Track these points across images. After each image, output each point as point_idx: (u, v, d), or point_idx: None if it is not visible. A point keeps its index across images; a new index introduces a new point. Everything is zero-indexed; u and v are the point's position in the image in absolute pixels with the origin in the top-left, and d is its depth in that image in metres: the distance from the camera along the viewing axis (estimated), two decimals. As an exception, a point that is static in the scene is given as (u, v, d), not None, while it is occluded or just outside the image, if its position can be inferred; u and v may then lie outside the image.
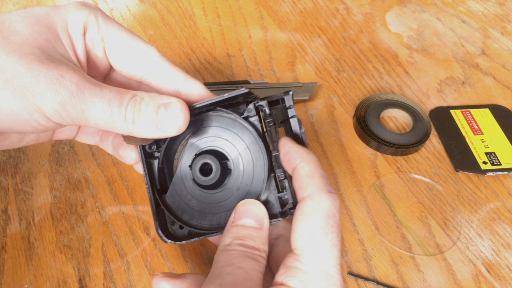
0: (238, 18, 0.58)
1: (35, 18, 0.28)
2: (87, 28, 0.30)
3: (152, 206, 0.31)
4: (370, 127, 0.45)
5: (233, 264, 0.25)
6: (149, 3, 0.60)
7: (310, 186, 0.26)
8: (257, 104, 0.30)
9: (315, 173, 0.26)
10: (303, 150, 0.27)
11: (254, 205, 0.28)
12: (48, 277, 0.34)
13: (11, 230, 0.37)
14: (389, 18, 0.59)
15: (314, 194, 0.25)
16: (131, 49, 0.31)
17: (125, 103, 0.27)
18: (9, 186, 0.39)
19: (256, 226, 0.27)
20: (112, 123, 0.27)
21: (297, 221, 0.25)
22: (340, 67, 0.52)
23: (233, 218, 0.28)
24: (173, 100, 0.28)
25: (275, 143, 0.30)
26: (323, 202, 0.25)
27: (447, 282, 0.35)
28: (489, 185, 0.42)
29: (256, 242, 0.27)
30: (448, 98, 0.50)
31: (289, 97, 0.30)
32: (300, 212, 0.25)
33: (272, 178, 0.30)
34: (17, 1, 0.58)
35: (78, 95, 0.26)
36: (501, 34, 0.58)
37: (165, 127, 0.28)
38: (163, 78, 0.31)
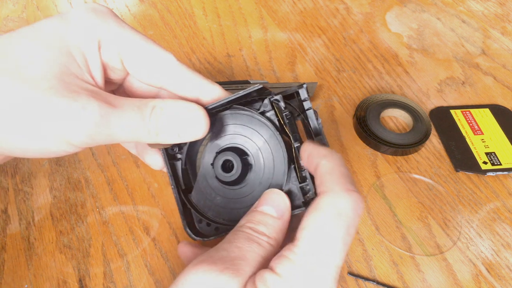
0: (238, 18, 0.58)
1: (46, 41, 0.28)
2: (101, 43, 0.29)
3: (178, 206, 0.32)
4: (370, 127, 0.45)
5: (233, 243, 0.25)
6: (149, 3, 0.60)
7: (328, 182, 0.25)
8: (272, 99, 0.31)
9: (335, 170, 0.25)
10: (325, 149, 0.27)
11: (277, 195, 0.28)
12: (48, 277, 0.34)
13: (11, 230, 0.37)
14: (389, 18, 0.59)
15: (331, 190, 0.25)
16: (149, 58, 0.30)
17: (147, 118, 0.28)
18: (9, 186, 0.39)
19: (275, 215, 0.27)
20: (138, 138, 0.28)
21: (307, 214, 0.25)
22: (340, 67, 0.52)
23: (255, 205, 0.28)
24: (193, 108, 0.29)
25: (295, 134, 0.30)
26: (338, 200, 0.24)
27: (447, 282, 0.35)
28: (489, 185, 0.42)
29: (268, 229, 0.26)
30: (448, 98, 0.50)
31: (304, 90, 0.30)
32: (313, 206, 0.25)
33: (293, 169, 0.30)
34: (17, 1, 0.58)
35: (102, 123, 0.27)
36: (501, 34, 0.58)
37: (187, 135, 0.29)
38: (183, 86, 0.31)
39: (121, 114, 0.27)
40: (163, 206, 0.39)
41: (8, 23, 0.55)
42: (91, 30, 0.29)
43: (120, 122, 0.27)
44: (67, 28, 0.28)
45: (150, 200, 0.39)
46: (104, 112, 0.27)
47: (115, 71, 0.32)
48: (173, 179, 0.33)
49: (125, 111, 0.27)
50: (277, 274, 0.23)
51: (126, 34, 0.30)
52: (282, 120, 0.30)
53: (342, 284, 0.35)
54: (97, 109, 0.26)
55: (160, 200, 0.39)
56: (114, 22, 0.29)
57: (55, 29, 0.28)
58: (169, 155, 0.33)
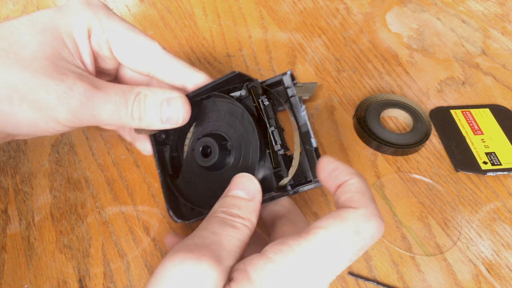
0: (238, 18, 0.58)
1: (40, 27, 0.30)
2: (91, 31, 0.31)
3: (163, 190, 0.34)
4: (370, 127, 0.45)
5: (208, 228, 0.25)
6: (149, 3, 0.60)
7: (359, 202, 0.24)
8: (249, 85, 0.31)
9: (366, 192, 0.25)
10: (353, 169, 0.27)
11: (246, 178, 0.28)
12: (48, 277, 0.34)
13: (11, 230, 0.37)
14: (389, 18, 0.59)
15: (361, 209, 0.24)
16: (135, 46, 0.32)
17: (130, 102, 0.29)
18: (9, 186, 0.39)
19: (246, 197, 0.27)
20: (121, 122, 0.30)
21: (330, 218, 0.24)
22: (340, 67, 0.52)
23: (226, 190, 0.28)
24: (174, 95, 0.30)
25: (270, 120, 0.30)
26: (365, 220, 0.24)
27: (447, 282, 0.35)
28: (489, 185, 0.42)
29: (241, 211, 0.26)
30: (448, 98, 0.50)
31: (287, 77, 0.30)
32: (338, 213, 0.24)
33: (268, 155, 0.30)
34: (17, 1, 0.58)
35: (87, 104, 0.28)
36: (501, 34, 0.58)
37: (169, 121, 0.30)
38: (169, 72, 0.33)
39: (105, 96, 0.29)
40: (163, 206, 0.39)
41: (8, 23, 0.55)
42: (81, 20, 0.31)
43: (103, 104, 0.29)
44: (60, 18, 0.31)
45: (150, 200, 0.39)
46: (89, 94, 0.28)
47: (105, 60, 0.34)
48: (159, 164, 0.34)
49: (109, 94, 0.29)
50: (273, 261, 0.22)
51: (114, 24, 0.32)
52: (258, 105, 0.31)
53: (342, 284, 0.35)
54: (82, 90, 0.28)
55: (160, 200, 0.39)
56: (104, 13, 0.32)
57: (50, 18, 0.30)
58: (157, 141, 0.35)
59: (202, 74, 0.33)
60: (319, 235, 0.23)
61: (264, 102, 0.31)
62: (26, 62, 0.28)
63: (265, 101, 0.31)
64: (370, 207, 0.24)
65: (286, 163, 0.29)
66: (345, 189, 0.26)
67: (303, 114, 0.29)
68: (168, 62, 0.33)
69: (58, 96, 0.28)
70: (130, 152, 0.42)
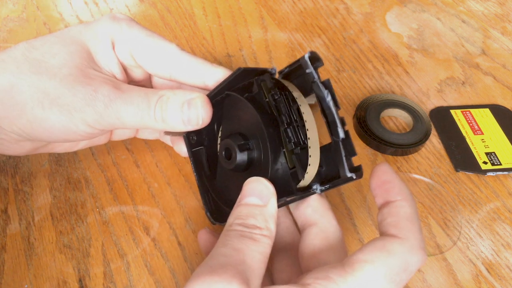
0: (238, 18, 0.58)
1: (70, 39, 0.32)
2: (114, 42, 0.33)
3: (200, 192, 0.34)
4: (370, 127, 0.45)
5: (228, 245, 0.24)
6: (149, 3, 0.60)
7: (407, 231, 0.24)
8: (259, 79, 0.29)
9: (415, 220, 0.24)
10: (407, 188, 0.26)
11: (256, 182, 0.27)
12: (48, 277, 0.34)
13: (11, 230, 0.37)
14: (389, 18, 0.59)
15: (408, 241, 0.23)
16: (153, 50, 0.33)
17: (152, 104, 0.30)
18: (9, 186, 0.39)
19: (260, 204, 0.26)
20: (145, 124, 0.31)
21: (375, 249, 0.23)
22: (340, 67, 0.52)
23: (239, 198, 0.27)
24: (195, 96, 0.31)
25: (283, 116, 0.27)
26: (412, 254, 0.23)
27: (447, 282, 0.35)
28: (489, 185, 0.42)
29: (258, 220, 0.25)
30: (448, 98, 0.50)
31: (305, 61, 0.26)
32: (383, 245, 0.23)
33: (283, 154, 0.28)
34: (17, 1, 0.58)
35: (111, 105, 0.30)
36: (501, 34, 0.58)
37: (191, 122, 0.31)
38: (188, 72, 0.33)
39: (127, 98, 0.30)
40: (163, 206, 0.39)
41: (8, 23, 0.55)
42: (105, 32, 0.33)
43: (126, 106, 0.30)
44: (87, 32, 0.33)
45: (150, 200, 0.39)
46: (113, 96, 0.30)
47: (133, 69, 0.35)
48: (194, 165, 0.34)
49: (132, 96, 0.30)
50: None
51: (135, 32, 0.33)
52: (270, 101, 0.28)
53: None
54: (107, 92, 0.30)
55: (160, 200, 0.39)
56: (126, 24, 0.33)
57: (78, 32, 0.33)
58: (191, 143, 0.34)
59: (220, 68, 0.33)
60: (366, 270, 0.22)
61: (276, 96, 0.28)
62: (56, 69, 0.30)
63: (276, 95, 0.28)
64: (418, 238, 0.24)
65: (304, 162, 0.27)
66: (393, 211, 0.25)
67: (328, 101, 0.25)
68: (185, 62, 0.33)
69: (84, 98, 0.29)
70: (130, 152, 0.42)
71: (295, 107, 0.28)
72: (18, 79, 0.29)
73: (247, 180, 0.27)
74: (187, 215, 0.38)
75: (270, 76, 0.29)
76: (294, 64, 0.28)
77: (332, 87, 0.25)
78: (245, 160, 0.29)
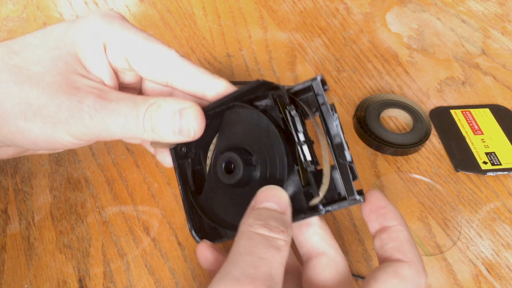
0: (238, 18, 0.58)
1: (54, 42, 0.29)
2: (106, 45, 0.30)
3: (185, 207, 0.31)
4: (370, 127, 0.45)
5: (254, 253, 0.23)
6: (149, 3, 0.60)
7: (413, 254, 0.24)
8: (275, 94, 0.28)
9: (413, 241, 0.25)
10: (399, 212, 0.26)
11: (276, 190, 0.26)
12: (48, 277, 0.34)
13: (11, 230, 0.37)
14: (389, 18, 0.59)
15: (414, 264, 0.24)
16: (151, 55, 0.31)
17: (141, 114, 0.28)
18: (9, 186, 0.39)
19: (278, 210, 0.25)
20: (133, 134, 0.29)
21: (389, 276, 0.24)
22: (340, 67, 0.52)
23: (254, 203, 0.26)
24: (188, 105, 0.28)
25: (299, 133, 0.27)
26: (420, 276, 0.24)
27: (447, 282, 0.35)
28: (489, 185, 0.42)
29: (279, 223, 0.24)
30: (448, 98, 0.50)
31: (317, 83, 0.27)
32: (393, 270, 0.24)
33: (297, 172, 0.27)
34: (17, 1, 0.58)
35: (97, 117, 0.28)
36: (501, 34, 0.58)
37: (182, 133, 0.28)
38: (186, 80, 0.31)
39: (114, 108, 0.28)
40: (163, 206, 0.39)
41: (8, 23, 0.55)
42: (96, 33, 0.30)
43: (113, 117, 0.28)
44: (75, 32, 0.30)
45: (150, 200, 0.39)
46: (99, 106, 0.28)
47: (126, 73, 0.33)
48: (180, 179, 0.32)
49: (119, 106, 0.28)
50: None
51: (130, 35, 0.30)
52: (285, 117, 0.28)
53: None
54: (92, 103, 0.28)
55: (160, 200, 0.39)
56: (119, 25, 0.30)
57: (64, 32, 0.30)
58: (178, 155, 0.32)
59: (222, 81, 0.31)
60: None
61: (292, 113, 0.28)
62: (39, 77, 0.28)
63: (292, 112, 0.28)
64: (420, 260, 0.24)
65: (318, 180, 0.27)
66: (393, 236, 0.25)
67: (336, 124, 0.26)
68: (185, 70, 0.31)
69: (69, 110, 0.27)
70: (130, 152, 0.42)
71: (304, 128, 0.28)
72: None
73: (263, 188, 0.26)
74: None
75: (286, 92, 0.28)
76: (303, 84, 0.28)
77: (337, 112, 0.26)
78: (247, 176, 0.28)
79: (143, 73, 0.32)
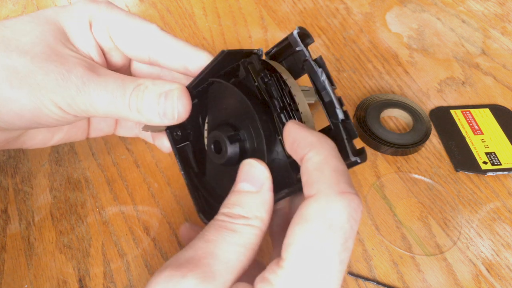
0: (238, 18, 0.58)
1: (44, 19, 0.30)
2: (92, 22, 0.31)
3: (189, 190, 0.31)
4: (370, 127, 0.45)
5: (204, 236, 0.22)
6: (149, 3, 0.60)
7: (318, 183, 0.20)
8: (246, 62, 0.26)
9: (326, 165, 0.20)
10: (314, 135, 0.22)
11: (250, 166, 0.24)
12: (48, 277, 0.34)
13: (11, 230, 0.37)
14: (389, 18, 0.59)
15: (321, 194, 0.20)
16: (132, 31, 0.31)
17: (128, 93, 0.28)
18: (9, 186, 0.39)
19: (251, 190, 0.23)
20: (119, 113, 0.28)
21: (293, 225, 0.20)
22: (340, 67, 0.52)
23: (234, 183, 0.24)
24: (173, 87, 0.28)
25: (275, 100, 0.25)
26: (330, 206, 0.19)
27: (447, 282, 0.35)
28: (489, 185, 0.42)
29: (245, 209, 0.23)
30: (448, 98, 0.50)
31: (294, 38, 0.23)
32: (299, 215, 0.20)
33: (279, 142, 0.25)
34: (17, 1, 0.58)
35: (84, 89, 0.27)
36: (501, 34, 0.58)
37: (166, 115, 0.28)
38: (168, 55, 0.30)
39: (102, 83, 0.28)
40: (163, 206, 0.39)
41: (8, 23, 0.55)
42: (82, 13, 0.30)
43: (99, 91, 0.27)
44: (63, 13, 0.30)
45: (150, 200, 0.39)
46: (86, 78, 0.27)
47: (111, 52, 0.33)
48: (181, 163, 0.31)
49: (107, 81, 0.28)
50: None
51: (114, 13, 0.31)
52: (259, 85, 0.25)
53: (342, 284, 0.35)
54: (80, 74, 0.27)
55: (160, 200, 0.39)
56: (105, 6, 0.31)
57: (54, 13, 0.30)
58: (175, 139, 0.31)
59: (203, 52, 0.30)
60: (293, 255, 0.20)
61: (265, 79, 0.25)
62: (27, 47, 0.28)
63: (265, 78, 0.25)
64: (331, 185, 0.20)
65: None
66: (303, 168, 0.21)
67: (322, 80, 0.23)
68: (166, 44, 0.30)
69: (56, 79, 0.27)
70: (130, 152, 0.42)
71: (287, 90, 0.25)
72: None
73: (241, 163, 0.24)
74: (187, 215, 0.38)
75: (257, 58, 0.26)
76: (282, 43, 0.25)
77: (325, 65, 0.23)
78: (237, 153, 0.26)
79: (126, 50, 0.31)
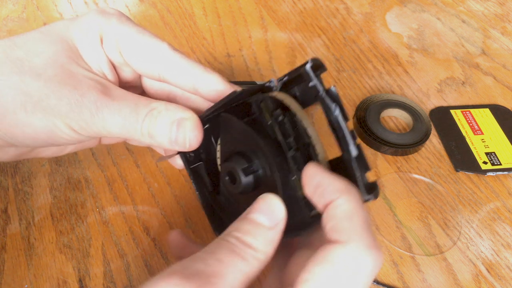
0: (238, 18, 0.58)
1: (56, 36, 0.29)
2: (103, 37, 0.30)
3: (204, 210, 0.31)
4: (370, 127, 0.45)
5: (214, 253, 0.22)
6: (149, 3, 0.60)
7: (348, 232, 0.20)
8: (259, 101, 0.26)
9: (355, 215, 0.21)
10: (341, 182, 0.22)
11: (271, 200, 0.24)
12: (48, 277, 0.34)
13: (11, 230, 0.37)
14: (389, 18, 0.59)
15: (351, 243, 0.20)
16: (142, 48, 0.30)
17: (141, 118, 0.28)
18: (9, 186, 0.39)
19: (266, 225, 0.23)
20: (130, 136, 0.28)
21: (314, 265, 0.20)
22: (340, 67, 0.52)
23: (248, 210, 0.24)
24: (187, 116, 0.28)
25: (289, 140, 0.25)
26: (358, 258, 0.20)
27: (447, 282, 0.35)
28: (489, 185, 0.42)
29: (258, 241, 0.23)
30: (448, 98, 0.50)
31: (307, 73, 0.23)
32: (322, 256, 0.20)
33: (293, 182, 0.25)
34: (17, 1, 0.58)
35: (97, 114, 0.27)
36: (501, 34, 0.58)
37: (178, 143, 0.28)
38: (179, 74, 0.30)
39: (115, 107, 0.28)
40: (163, 206, 0.39)
41: (8, 23, 0.55)
42: (93, 28, 0.30)
43: (113, 116, 0.27)
44: (74, 27, 0.30)
45: (150, 200, 0.39)
46: (100, 103, 0.27)
47: (123, 68, 0.32)
48: (195, 183, 0.31)
49: (120, 105, 0.28)
50: None
51: (125, 28, 0.30)
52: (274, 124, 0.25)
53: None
54: (93, 99, 0.27)
55: (160, 200, 0.39)
56: (116, 20, 0.30)
57: (64, 28, 0.30)
58: (188, 160, 0.31)
59: (214, 75, 0.30)
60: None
61: (278, 118, 0.25)
62: (40, 69, 0.28)
63: (279, 117, 0.25)
64: (361, 237, 0.20)
65: None
66: (330, 214, 0.21)
67: (336, 115, 0.23)
68: (176, 63, 0.30)
69: (69, 103, 0.27)
70: (130, 152, 0.42)
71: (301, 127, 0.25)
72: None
73: (262, 195, 0.24)
74: (187, 215, 0.38)
75: (269, 96, 0.26)
76: (294, 73, 0.25)
77: (339, 98, 0.23)
78: (251, 183, 0.26)
79: (136, 66, 0.31)
